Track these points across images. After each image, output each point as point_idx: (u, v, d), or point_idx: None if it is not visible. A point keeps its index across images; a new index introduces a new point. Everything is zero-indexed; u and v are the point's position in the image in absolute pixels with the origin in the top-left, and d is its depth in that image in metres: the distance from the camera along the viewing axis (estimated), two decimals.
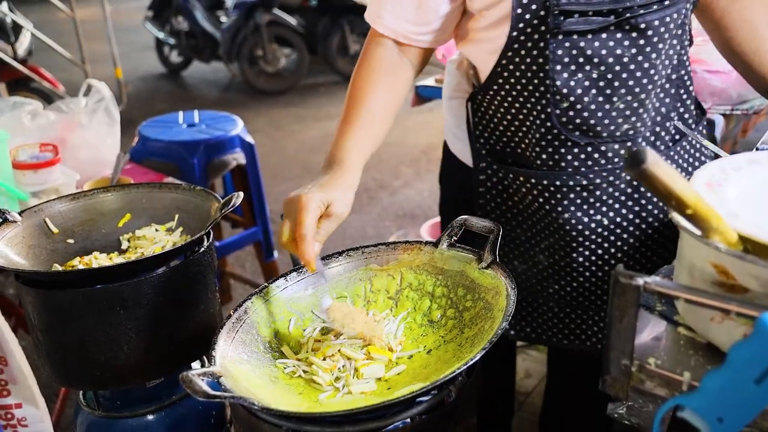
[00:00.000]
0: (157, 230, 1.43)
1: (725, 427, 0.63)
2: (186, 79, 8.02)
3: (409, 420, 0.91)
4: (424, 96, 2.60)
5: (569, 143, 1.26)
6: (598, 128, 1.24)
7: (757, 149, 1.40)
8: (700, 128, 1.42)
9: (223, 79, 7.81)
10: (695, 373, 0.73)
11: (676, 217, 0.73)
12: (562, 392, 1.75)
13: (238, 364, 0.99)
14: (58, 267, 1.33)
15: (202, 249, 1.30)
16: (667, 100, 1.31)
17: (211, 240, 1.33)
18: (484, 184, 1.41)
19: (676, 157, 1.36)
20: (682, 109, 1.35)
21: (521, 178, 1.32)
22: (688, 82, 1.35)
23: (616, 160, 1.28)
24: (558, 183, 1.29)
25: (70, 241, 1.40)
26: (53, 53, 5.31)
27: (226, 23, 6.99)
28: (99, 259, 1.34)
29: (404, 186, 4.61)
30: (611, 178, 1.28)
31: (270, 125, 6.08)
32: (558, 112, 1.23)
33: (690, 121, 1.37)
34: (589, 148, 1.26)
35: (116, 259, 1.37)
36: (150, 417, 1.35)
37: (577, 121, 1.24)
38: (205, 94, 7.34)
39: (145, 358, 1.25)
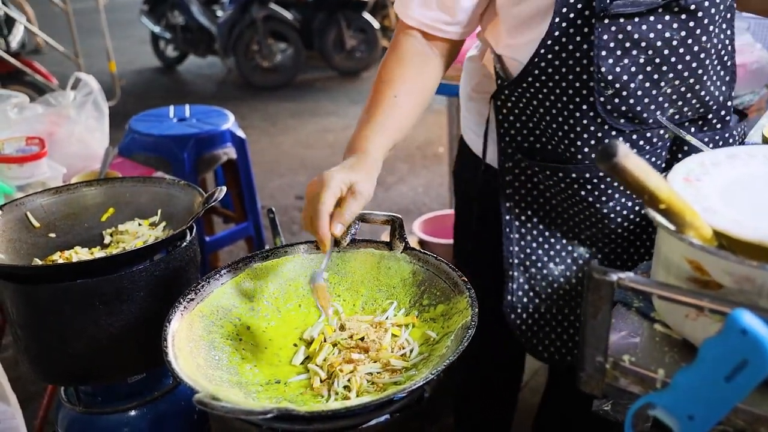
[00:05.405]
0: (140, 224, 1.42)
1: (696, 424, 0.62)
2: (181, 73, 7.99)
3: (384, 418, 0.90)
4: None
5: (614, 132, 1.20)
6: (645, 114, 1.19)
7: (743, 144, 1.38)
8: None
9: (218, 73, 7.79)
10: (669, 370, 0.72)
11: (651, 212, 0.72)
12: (563, 399, 1.71)
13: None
14: (38, 261, 1.31)
15: (185, 244, 1.29)
16: (723, 87, 1.25)
17: (193, 235, 1.32)
18: (511, 185, 1.35)
19: (722, 144, 1.29)
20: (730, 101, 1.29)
21: (560, 174, 1.25)
22: (734, 74, 1.28)
23: (659, 144, 1.23)
24: (601, 174, 1.23)
25: (52, 235, 1.38)
26: (48, 47, 5.29)
27: (222, 17, 6.98)
28: (80, 254, 1.33)
29: (399, 182, 4.60)
30: (658, 162, 1.25)
31: (265, 120, 6.06)
32: (602, 99, 1.17)
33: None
34: (635, 136, 1.21)
35: (97, 253, 1.36)
36: (132, 413, 1.34)
37: (623, 108, 1.18)
38: (201, 89, 7.31)
39: (125, 353, 1.25)
